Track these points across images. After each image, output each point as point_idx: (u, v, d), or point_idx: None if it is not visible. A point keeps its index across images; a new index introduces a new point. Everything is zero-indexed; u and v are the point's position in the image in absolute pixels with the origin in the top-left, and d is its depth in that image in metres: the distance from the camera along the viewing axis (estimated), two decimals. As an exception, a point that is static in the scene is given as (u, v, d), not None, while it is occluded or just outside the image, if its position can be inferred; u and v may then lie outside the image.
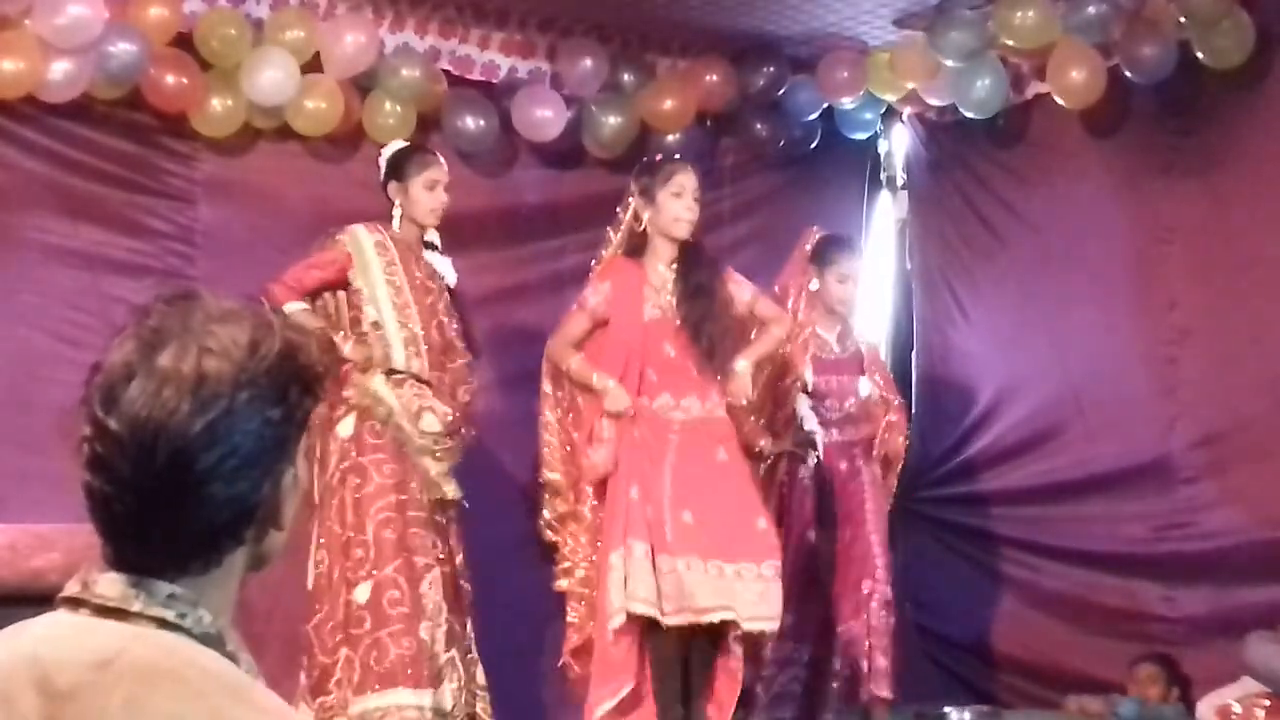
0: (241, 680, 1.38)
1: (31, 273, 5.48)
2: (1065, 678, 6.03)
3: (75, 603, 1.41)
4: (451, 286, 5.12)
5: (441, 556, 4.89)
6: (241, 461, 1.39)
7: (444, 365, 5.05)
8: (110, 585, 1.40)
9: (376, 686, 4.64)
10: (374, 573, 4.72)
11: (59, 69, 5.25)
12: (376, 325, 4.90)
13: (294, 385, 1.44)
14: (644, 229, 5.08)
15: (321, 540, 4.78)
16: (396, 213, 5.03)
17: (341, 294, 4.95)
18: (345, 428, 4.84)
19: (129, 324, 1.43)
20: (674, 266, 5.11)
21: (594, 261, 5.30)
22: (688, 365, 5.03)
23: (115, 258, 5.60)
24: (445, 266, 5.12)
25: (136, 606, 1.38)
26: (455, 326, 5.09)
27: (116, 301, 5.39)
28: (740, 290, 5.22)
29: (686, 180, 5.07)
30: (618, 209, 5.21)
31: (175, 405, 1.37)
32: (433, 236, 5.12)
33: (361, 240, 4.96)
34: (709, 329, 5.04)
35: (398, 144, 5.23)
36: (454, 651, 4.83)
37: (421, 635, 4.71)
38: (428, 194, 5.02)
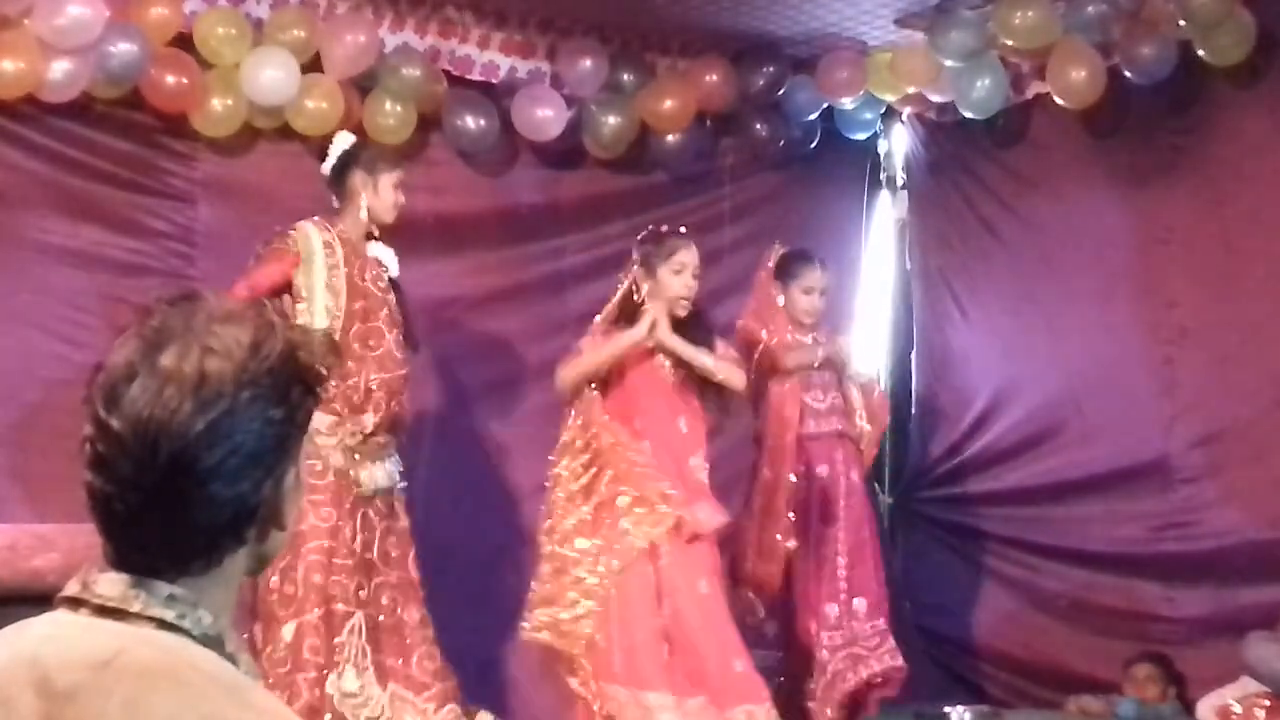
0: (240, 681, 1.38)
1: (31, 273, 5.48)
2: (1065, 678, 6.03)
3: (75, 603, 1.41)
4: (394, 278, 4.98)
5: (364, 597, 4.76)
6: (243, 461, 1.39)
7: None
8: (110, 585, 1.40)
9: None
10: (297, 615, 4.65)
11: (59, 69, 5.25)
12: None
13: (296, 385, 1.44)
14: (641, 300, 4.98)
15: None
16: (362, 202, 4.87)
17: (275, 300, 4.78)
18: None
19: (131, 324, 1.43)
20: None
21: (601, 310, 5.13)
22: (678, 422, 5.03)
23: (115, 258, 5.60)
24: (389, 257, 4.99)
25: (136, 607, 1.38)
26: (393, 334, 4.91)
27: (116, 301, 5.40)
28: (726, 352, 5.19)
29: (689, 257, 4.99)
30: (620, 274, 5.07)
31: (177, 405, 1.37)
32: (373, 228, 4.99)
33: (311, 239, 4.81)
34: (710, 392, 5.03)
35: (349, 136, 5.07)
36: (393, 685, 4.76)
37: (328, 688, 4.62)
38: (394, 193, 4.92)
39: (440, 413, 5.97)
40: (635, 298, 4.99)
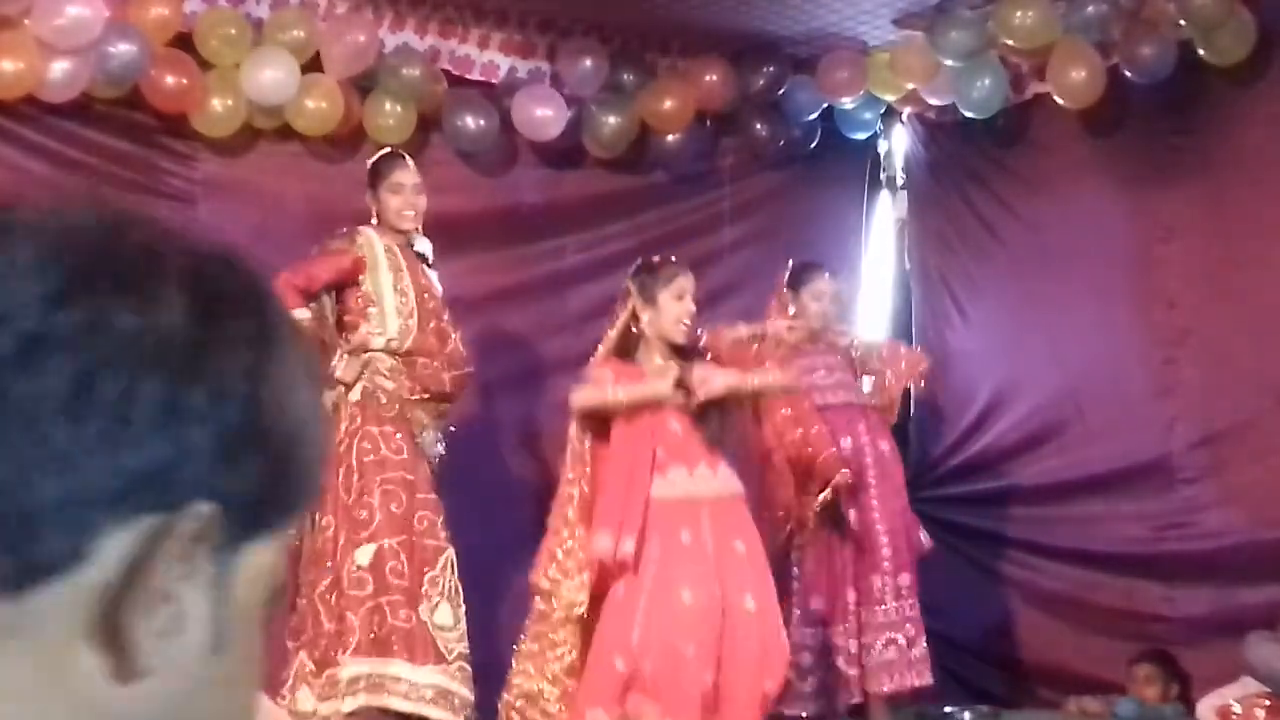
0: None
1: (31, 273, 5.48)
2: (1065, 678, 6.04)
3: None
4: (439, 299, 5.15)
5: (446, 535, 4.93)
6: None
7: None
8: None
9: (374, 653, 4.69)
10: (373, 539, 4.78)
11: (59, 69, 5.26)
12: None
13: None
14: (639, 330, 4.92)
15: (326, 503, 4.80)
16: (373, 222, 5.05)
17: (326, 298, 4.96)
18: (354, 393, 4.90)
19: None
20: (670, 358, 4.97)
21: (613, 295, 5.14)
22: (694, 438, 4.92)
23: (115, 258, 5.60)
24: (432, 279, 5.16)
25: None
26: (457, 334, 5.15)
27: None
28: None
29: (687, 283, 4.94)
30: (616, 306, 5.02)
31: None
32: (423, 248, 5.13)
33: (375, 244, 5.00)
34: (714, 410, 4.95)
35: (380, 154, 5.25)
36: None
37: (422, 616, 4.75)
38: (395, 197, 5.04)
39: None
40: (634, 329, 4.92)
